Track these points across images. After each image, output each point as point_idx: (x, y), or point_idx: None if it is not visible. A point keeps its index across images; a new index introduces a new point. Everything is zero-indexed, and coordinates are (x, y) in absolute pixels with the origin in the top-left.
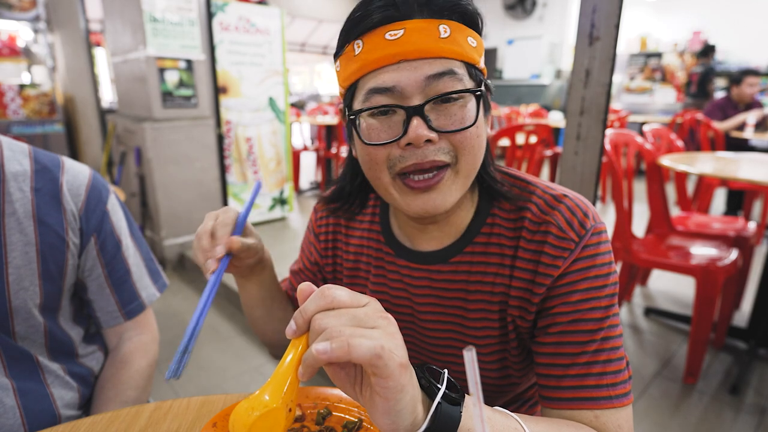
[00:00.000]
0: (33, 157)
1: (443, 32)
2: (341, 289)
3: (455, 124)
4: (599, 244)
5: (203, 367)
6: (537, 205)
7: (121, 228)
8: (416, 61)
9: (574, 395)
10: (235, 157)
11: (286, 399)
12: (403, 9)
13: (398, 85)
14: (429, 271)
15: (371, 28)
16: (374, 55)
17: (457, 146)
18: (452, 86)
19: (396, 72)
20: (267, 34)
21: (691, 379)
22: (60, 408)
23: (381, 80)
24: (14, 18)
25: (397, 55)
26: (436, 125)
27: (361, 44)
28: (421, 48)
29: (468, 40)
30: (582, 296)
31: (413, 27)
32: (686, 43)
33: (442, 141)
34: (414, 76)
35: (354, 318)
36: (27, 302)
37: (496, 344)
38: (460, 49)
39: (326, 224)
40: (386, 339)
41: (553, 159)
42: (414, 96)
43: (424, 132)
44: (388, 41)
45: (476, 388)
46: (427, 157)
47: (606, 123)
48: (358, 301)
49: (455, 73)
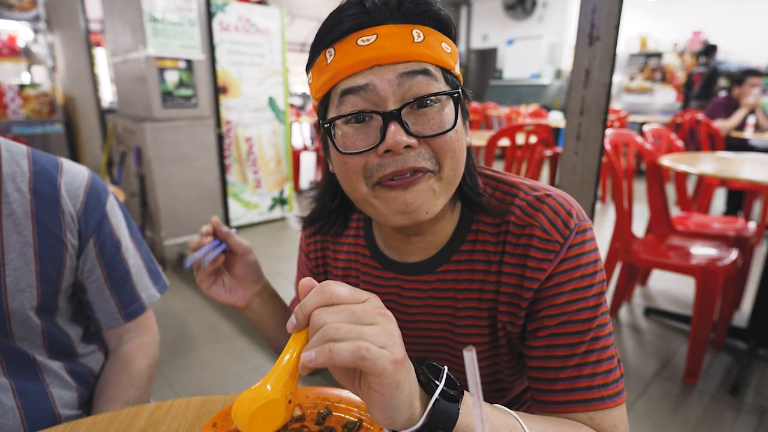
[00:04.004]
0: (31, 158)
1: (417, 37)
2: (341, 285)
3: (434, 128)
4: (584, 243)
5: (203, 367)
6: (520, 207)
7: (121, 229)
8: (390, 66)
9: (566, 398)
10: (235, 157)
11: (286, 391)
12: (375, 15)
13: (371, 83)
14: (417, 282)
15: (343, 35)
16: (347, 61)
17: (438, 151)
18: (427, 87)
19: (370, 74)
20: (267, 34)
21: (691, 379)
22: (59, 408)
23: (354, 81)
24: (14, 18)
25: (370, 60)
26: (414, 130)
27: (333, 52)
28: (395, 52)
29: (442, 45)
30: (569, 297)
31: (386, 32)
32: (686, 43)
33: (422, 146)
34: (389, 77)
35: (352, 314)
36: (24, 304)
37: (487, 350)
38: (434, 53)
39: (314, 242)
40: (381, 336)
41: (553, 159)
42: (389, 100)
43: (403, 138)
44: (360, 47)
45: (476, 388)
46: (408, 163)
47: (606, 123)
48: (358, 297)
49: (429, 72)
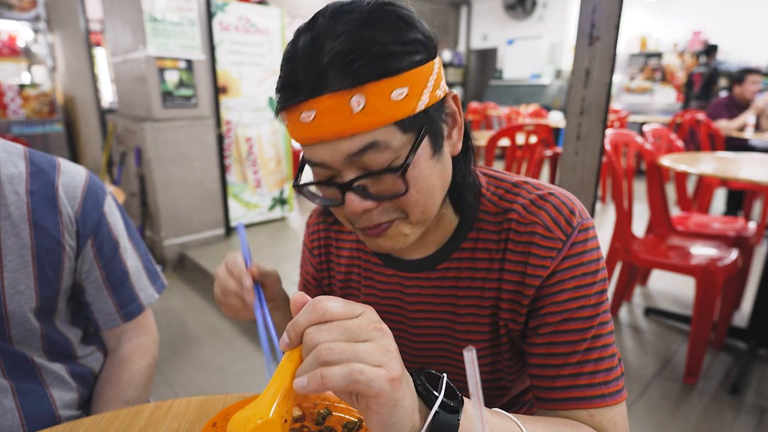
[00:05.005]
0: (28, 159)
1: (357, 106)
2: (334, 300)
3: (390, 190)
4: (587, 241)
5: (203, 367)
6: (523, 205)
7: (119, 229)
8: (334, 142)
9: (567, 395)
10: (235, 157)
11: (281, 411)
12: (310, 87)
13: (325, 162)
14: (418, 279)
15: (285, 107)
16: (296, 134)
17: (402, 205)
18: (377, 160)
19: (320, 150)
20: (267, 34)
21: (691, 379)
22: (59, 409)
23: (311, 154)
24: (14, 18)
25: (314, 138)
26: (373, 191)
27: (285, 117)
28: (335, 130)
29: (392, 96)
30: (571, 295)
31: (323, 108)
32: (686, 43)
33: (385, 203)
34: (335, 156)
35: (346, 331)
36: (22, 306)
37: (488, 348)
38: (378, 118)
39: (318, 238)
40: (377, 353)
41: (553, 159)
42: (344, 172)
43: (360, 205)
44: (303, 124)
45: (476, 389)
46: (373, 221)
47: (606, 123)
48: (352, 312)
49: (377, 144)
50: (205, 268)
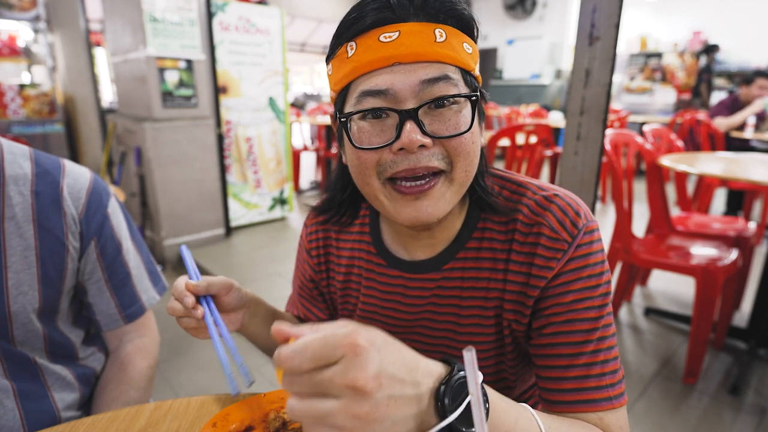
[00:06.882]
0: (34, 159)
1: (439, 36)
2: (312, 338)
3: (450, 129)
4: (592, 243)
5: (203, 367)
6: (528, 206)
7: (122, 231)
8: (411, 65)
9: (576, 398)
10: (235, 157)
11: None
12: (398, 11)
13: (392, 88)
14: (422, 280)
15: (365, 29)
16: (368, 57)
17: (452, 152)
18: (447, 91)
19: (390, 75)
20: (267, 34)
21: (691, 379)
22: (60, 409)
23: (374, 83)
24: (14, 18)
25: (392, 57)
26: (430, 130)
27: (354, 46)
28: (417, 51)
29: (464, 46)
30: (576, 296)
31: (408, 30)
32: (686, 43)
33: (437, 147)
34: (408, 80)
35: (314, 386)
36: (26, 307)
37: (492, 349)
38: (455, 54)
39: (317, 239)
40: (341, 417)
41: (553, 159)
42: (408, 100)
43: (418, 137)
44: (382, 43)
45: (476, 389)
46: (420, 162)
47: (606, 123)
48: (327, 358)
49: (450, 78)
50: (205, 268)
